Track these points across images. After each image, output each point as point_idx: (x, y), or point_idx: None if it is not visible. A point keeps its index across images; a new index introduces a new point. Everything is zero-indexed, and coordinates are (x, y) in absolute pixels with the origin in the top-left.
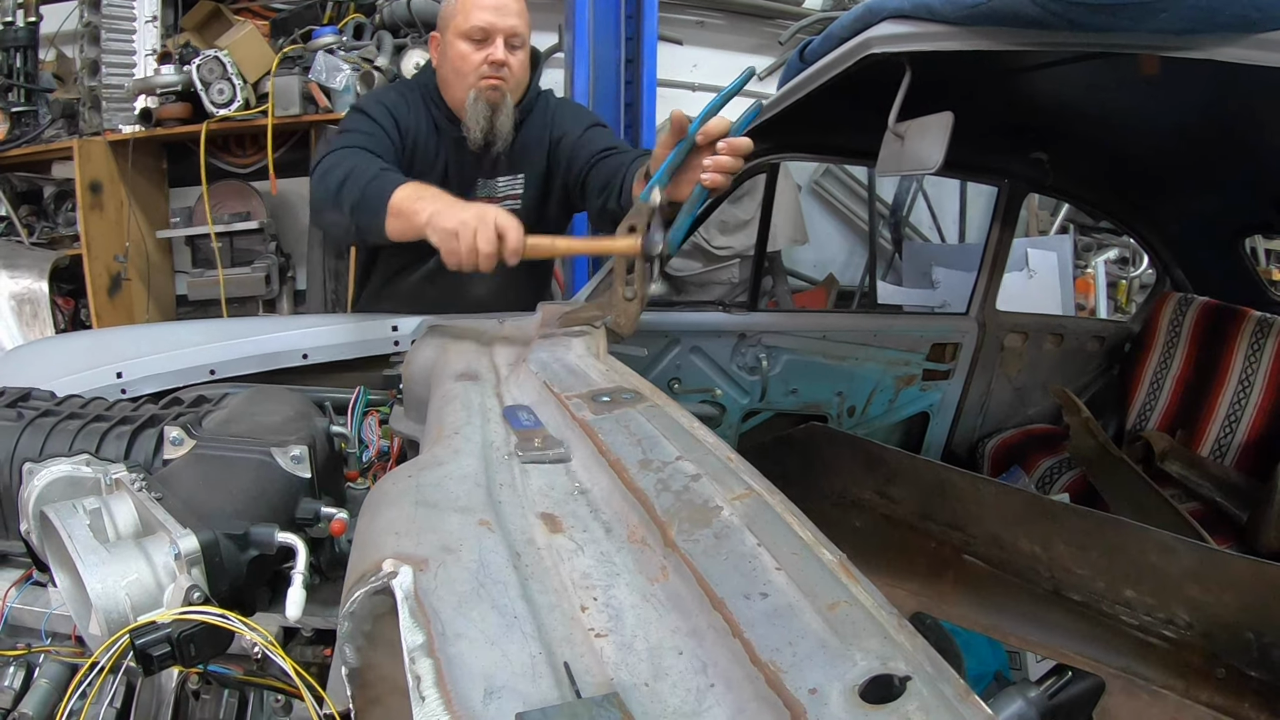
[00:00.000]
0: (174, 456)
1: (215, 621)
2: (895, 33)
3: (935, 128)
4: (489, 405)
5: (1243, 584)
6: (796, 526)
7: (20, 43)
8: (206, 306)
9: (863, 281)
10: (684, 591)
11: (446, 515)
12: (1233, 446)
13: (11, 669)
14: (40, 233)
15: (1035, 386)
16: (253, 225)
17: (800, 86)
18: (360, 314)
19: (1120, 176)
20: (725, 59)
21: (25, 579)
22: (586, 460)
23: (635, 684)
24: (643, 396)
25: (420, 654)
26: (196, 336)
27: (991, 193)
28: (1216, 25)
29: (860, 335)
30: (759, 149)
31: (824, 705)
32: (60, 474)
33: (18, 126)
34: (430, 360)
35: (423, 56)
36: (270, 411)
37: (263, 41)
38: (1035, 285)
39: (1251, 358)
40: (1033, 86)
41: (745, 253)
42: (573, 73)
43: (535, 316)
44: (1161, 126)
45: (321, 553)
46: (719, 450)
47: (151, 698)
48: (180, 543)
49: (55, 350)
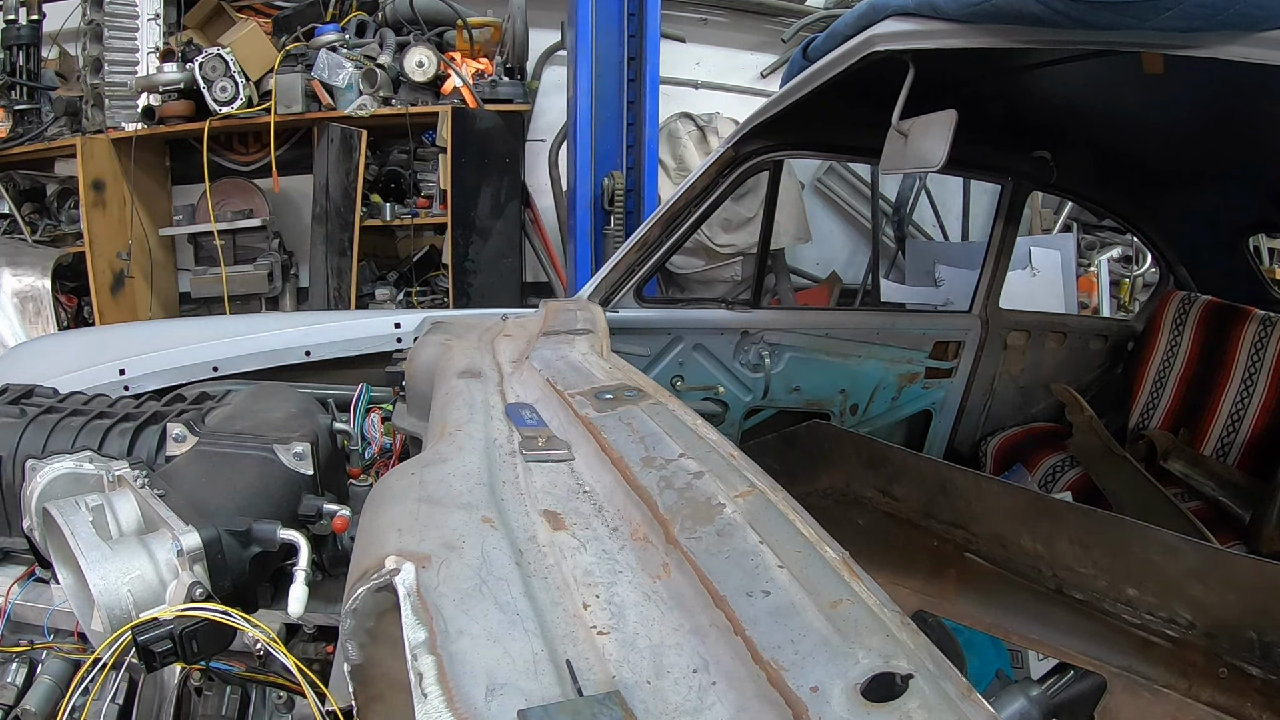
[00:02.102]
0: (177, 453)
1: (217, 618)
2: (899, 30)
3: (939, 125)
4: (492, 402)
5: (1245, 583)
6: (799, 524)
7: (23, 40)
8: (209, 304)
9: (865, 279)
10: (686, 589)
11: (449, 512)
12: (1235, 445)
13: (14, 665)
14: (43, 230)
15: (1038, 385)
16: (255, 223)
17: (803, 84)
18: (362, 311)
19: (1124, 174)
20: (728, 56)
21: (28, 575)
22: (589, 458)
23: (637, 681)
24: (646, 394)
25: (422, 651)
26: (199, 333)
27: (995, 190)
28: (1220, 23)
29: (863, 333)
30: (762, 145)
31: (826, 703)
32: (63, 471)
33: (21, 124)
34: (433, 357)
35: (425, 55)
36: (273, 408)
37: (265, 39)
38: (1038, 284)
39: (1255, 356)
40: (1036, 84)
41: (748, 251)
42: (575, 70)
43: (538, 313)
44: (1165, 124)
45: (324, 549)
46: (722, 448)
47: (154, 694)
48: (183, 539)
49: (58, 347)
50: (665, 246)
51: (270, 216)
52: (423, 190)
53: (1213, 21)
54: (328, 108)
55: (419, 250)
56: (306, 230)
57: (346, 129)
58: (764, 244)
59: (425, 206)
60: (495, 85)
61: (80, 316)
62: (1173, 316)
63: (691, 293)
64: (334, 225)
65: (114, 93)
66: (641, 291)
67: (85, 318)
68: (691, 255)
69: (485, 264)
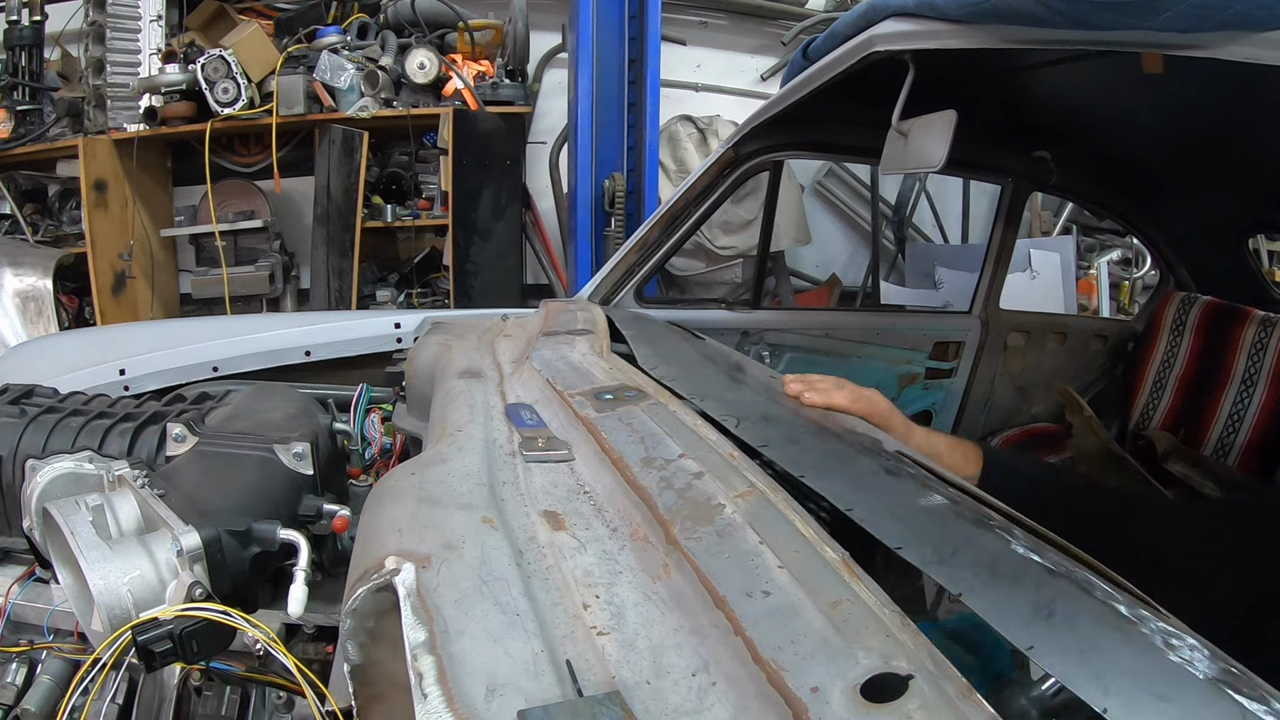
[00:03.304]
0: (177, 453)
1: (217, 618)
2: (899, 30)
3: (939, 126)
4: (492, 403)
5: None
6: (799, 524)
7: (25, 41)
8: (210, 305)
9: (865, 282)
10: (686, 589)
11: (449, 512)
12: (1235, 446)
13: (14, 665)
14: (45, 231)
15: (1038, 385)
16: (257, 224)
17: (804, 84)
18: (363, 311)
19: (1124, 175)
20: (728, 59)
21: (28, 575)
22: (589, 458)
23: (637, 682)
24: (646, 394)
25: (422, 651)
26: (199, 334)
27: (994, 192)
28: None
29: (863, 333)
30: (762, 146)
31: (826, 704)
32: (63, 471)
33: (23, 125)
34: (433, 357)
35: (427, 57)
36: (273, 408)
37: (267, 41)
38: (1038, 286)
39: (1255, 357)
40: (1036, 85)
41: (748, 253)
42: (576, 73)
43: (538, 314)
44: (1165, 125)
45: (324, 550)
46: (722, 448)
47: (154, 694)
48: (183, 539)
49: (59, 347)
50: (665, 247)
51: (271, 218)
52: (424, 192)
53: (1213, 22)
54: (329, 109)
55: (420, 252)
56: (308, 232)
57: (348, 131)
58: (764, 245)
59: (426, 208)
60: (496, 87)
61: (81, 317)
62: (1173, 317)
63: (692, 294)
64: (335, 227)
65: (116, 94)
66: (642, 292)
67: (86, 318)
68: (692, 257)
69: (486, 266)
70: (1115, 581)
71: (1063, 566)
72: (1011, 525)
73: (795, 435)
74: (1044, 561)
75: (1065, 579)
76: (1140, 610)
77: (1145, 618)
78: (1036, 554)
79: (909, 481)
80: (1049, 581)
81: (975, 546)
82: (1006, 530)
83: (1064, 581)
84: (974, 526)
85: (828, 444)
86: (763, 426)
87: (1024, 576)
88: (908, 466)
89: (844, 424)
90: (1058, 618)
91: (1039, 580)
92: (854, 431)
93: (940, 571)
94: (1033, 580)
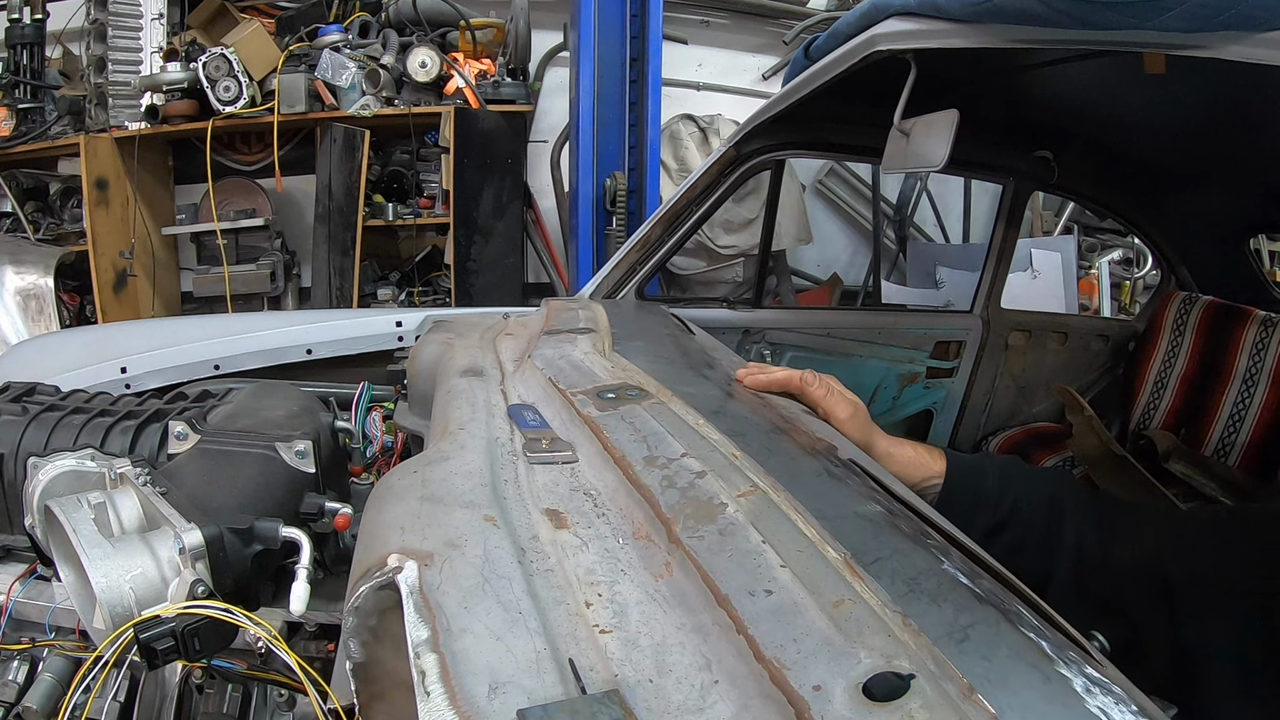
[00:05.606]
0: (178, 451)
1: (219, 616)
2: (901, 30)
3: (940, 125)
4: (494, 401)
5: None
6: (801, 524)
7: (27, 39)
8: (212, 303)
9: (867, 281)
10: (688, 588)
11: (451, 511)
12: (1236, 445)
13: (15, 663)
14: (46, 229)
15: (1039, 385)
16: (258, 222)
17: (805, 83)
18: (364, 310)
19: (1125, 175)
20: (730, 58)
21: (30, 573)
22: (591, 457)
23: (639, 680)
24: (648, 393)
25: (425, 649)
26: (201, 332)
27: (996, 192)
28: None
29: (865, 332)
30: (764, 145)
31: (828, 703)
32: (65, 468)
33: (24, 123)
34: (435, 356)
35: (428, 56)
36: (275, 407)
37: (269, 39)
38: (1039, 286)
39: (1256, 357)
40: (1038, 84)
41: (749, 252)
42: (578, 71)
43: (540, 312)
44: (1167, 125)
45: (326, 547)
46: (724, 447)
47: (155, 692)
48: (185, 537)
49: (60, 345)
50: (667, 246)
51: (273, 216)
52: (425, 190)
53: (1215, 22)
54: (331, 108)
55: (421, 250)
56: (309, 230)
57: (349, 129)
58: (766, 244)
59: (428, 207)
60: (498, 86)
61: (82, 315)
62: (1174, 317)
63: (693, 293)
64: (336, 225)
65: (117, 92)
66: (643, 291)
67: (88, 316)
68: (693, 256)
69: (487, 264)
70: (1050, 619)
71: (994, 595)
72: (949, 546)
73: (743, 429)
74: (973, 585)
75: (993, 607)
76: (1069, 652)
77: (1073, 660)
78: (967, 577)
79: (849, 487)
80: (972, 606)
81: (901, 559)
82: (942, 550)
83: (990, 609)
84: (906, 540)
85: (776, 442)
86: (714, 420)
87: (946, 597)
88: (855, 473)
89: (806, 427)
90: (971, 644)
91: (962, 603)
92: (812, 434)
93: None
94: (955, 602)
